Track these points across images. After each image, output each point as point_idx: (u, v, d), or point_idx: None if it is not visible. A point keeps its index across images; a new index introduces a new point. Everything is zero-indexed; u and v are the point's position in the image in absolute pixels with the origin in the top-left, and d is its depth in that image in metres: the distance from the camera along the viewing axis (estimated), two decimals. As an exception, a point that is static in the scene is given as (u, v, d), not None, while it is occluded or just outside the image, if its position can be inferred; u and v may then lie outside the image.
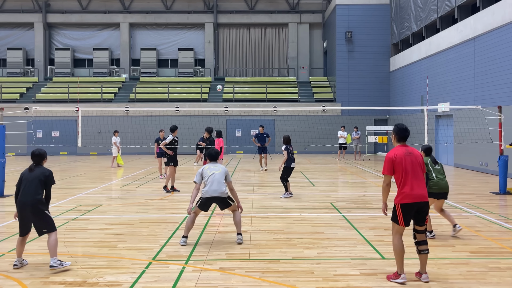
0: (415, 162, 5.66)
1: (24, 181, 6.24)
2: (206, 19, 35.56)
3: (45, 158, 6.47)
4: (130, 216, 9.72)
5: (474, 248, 7.06)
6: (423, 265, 5.67)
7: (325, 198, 11.90)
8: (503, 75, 16.45)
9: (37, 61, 35.35)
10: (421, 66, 24.26)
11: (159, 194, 12.76)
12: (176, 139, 13.49)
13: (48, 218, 6.16)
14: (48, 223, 6.15)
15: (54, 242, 6.06)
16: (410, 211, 5.61)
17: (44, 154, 6.43)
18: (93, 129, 26.04)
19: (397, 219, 5.64)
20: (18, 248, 6.22)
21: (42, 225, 6.13)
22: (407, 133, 5.79)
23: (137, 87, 32.51)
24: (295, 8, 35.51)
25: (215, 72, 35.75)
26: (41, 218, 6.11)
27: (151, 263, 6.38)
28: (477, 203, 11.08)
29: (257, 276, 5.81)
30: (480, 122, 16.45)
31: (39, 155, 6.38)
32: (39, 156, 6.38)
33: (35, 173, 6.22)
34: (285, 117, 28.77)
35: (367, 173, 18.17)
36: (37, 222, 6.13)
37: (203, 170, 7.45)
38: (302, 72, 35.30)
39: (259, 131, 19.93)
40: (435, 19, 22.40)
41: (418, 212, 5.66)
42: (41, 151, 6.44)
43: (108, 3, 35.65)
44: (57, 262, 5.99)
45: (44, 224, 6.13)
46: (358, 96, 29.16)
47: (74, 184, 15.17)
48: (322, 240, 7.60)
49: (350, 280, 5.65)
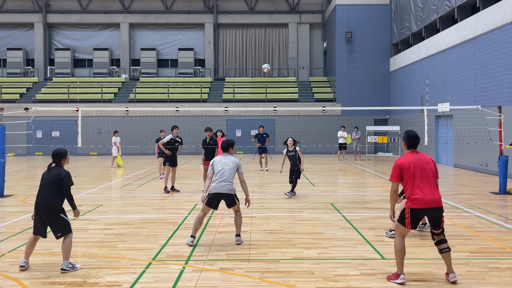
0: (427, 168, 5.60)
1: (42, 182, 6.11)
2: (206, 19, 35.56)
3: (65, 157, 6.23)
4: (130, 216, 9.72)
5: (474, 248, 7.06)
6: (448, 264, 5.62)
7: (325, 198, 11.90)
8: (503, 75, 16.45)
9: (37, 61, 35.35)
10: (421, 66, 24.26)
11: (159, 194, 12.76)
12: (178, 140, 13.31)
13: (63, 222, 6.02)
14: (63, 227, 6.01)
15: (68, 245, 5.97)
16: (419, 216, 5.58)
17: (63, 154, 6.20)
18: (93, 129, 26.03)
19: (404, 221, 5.60)
20: (28, 249, 6.10)
21: (57, 229, 6.02)
22: (417, 140, 5.77)
23: (137, 87, 32.51)
24: (295, 8, 35.51)
25: (215, 72, 35.76)
26: (56, 221, 5.99)
27: (151, 263, 6.38)
28: (477, 203, 11.08)
29: (257, 276, 5.81)
30: (480, 122, 16.44)
31: (57, 154, 6.17)
32: (57, 155, 6.17)
33: (51, 175, 6.06)
34: (285, 117, 28.76)
35: (367, 173, 18.17)
36: (52, 226, 6.01)
37: (214, 162, 7.41)
38: (302, 72, 35.30)
39: (259, 131, 19.94)
40: (435, 19, 22.40)
41: (432, 218, 5.62)
42: (60, 150, 6.21)
43: (108, 3, 35.65)
44: (68, 266, 5.95)
45: (59, 228, 6.01)
46: (358, 96, 29.16)
47: (74, 184, 15.14)
48: (322, 240, 7.60)
49: (350, 281, 5.65)
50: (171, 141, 13.21)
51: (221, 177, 7.22)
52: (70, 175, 6.14)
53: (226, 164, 7.32)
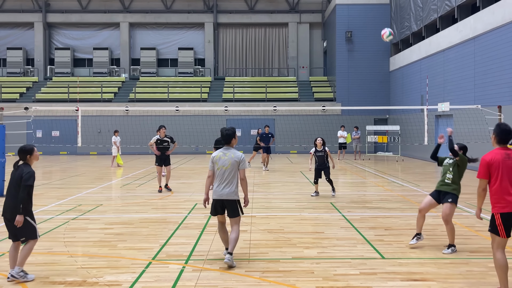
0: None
1: (9, 181, 5.70)
2: (206, 18, 35.55)
3: (31, 154, 5.73)
4: (130, 215, 9.72)
5: (474, 248, 7.06)
6: None
7: (325, 198, 11.90)
8: (503, 75, 16.45)
9: (37, 61, 35.35)
10: (421, 65, 24.26)
11: (159, 193, 12.76)
12: (167, 139, 12.99)
13: (29, 225, 5.56)
14: (28, 231, 5.56)
15: (27, 252, 5.54)
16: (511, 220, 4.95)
17: (29, 150, 5.71)
18: (93, 129, 26.03)
19: (497, 229, 4.97)
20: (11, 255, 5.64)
21: (21, 232, 5.56)
22: (510, 136, 5.11)
23: (137, 87, 32.50)
24: (295, 8, 35.51)
25: (215, 71, 35.76)
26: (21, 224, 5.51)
27: (151, 262, 6.37)
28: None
29: (257, 275, 5.81)
30: (480, 121, 16.45)
31: (22, 150, 5.69)
32: (22, 151, 5.70)
33: (17, 173, 5.65)
34: (285, 116, 28.77)
35: (367, 173, 18.18)
36: (16, 228, 5.52)
37: (213, 158, 6.30)
38: (302, 72, 35.30)
39: (264, 131, 19.57)
40: (435, 18, 22.40)
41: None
42: (26, 146, 5.73)
43: (108, 3, 35.64)
44: (20, 273, 5.49)
45: (23, 232, 5.55)
46: (358, 95, 29.16)
47: (74, 183, 15.16)
48: (322, 239, 7.60)
49: (350, 280, 5.64)
50: (158, 142, 12.99)
51: (220, 179, 6.23)
52: (32, 174, 5.63)
53: (225, 162, 6.22)
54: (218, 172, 6.24)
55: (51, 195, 12.57)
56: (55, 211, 10.10)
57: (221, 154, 6.30)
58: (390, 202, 11.32)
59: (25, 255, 5.52)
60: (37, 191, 13.36)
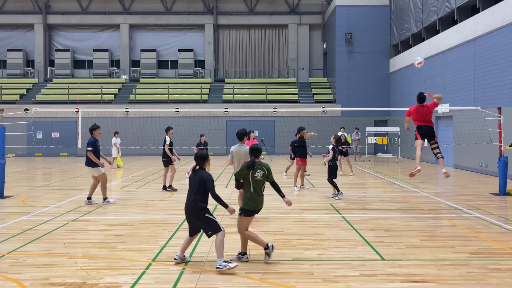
0: None
1: (189, 185, 6.40)
2: (206, 20, 35.58)
3: (207, 160, 6.44)
4: (130, 217, 9.72)
5: (474, 249, 7.05)
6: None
7: (325, 199, 11.90)
8: (503, 76, 16.45)
9: (37, 62, 35.37)
10: (420, 67, 24.25)
11: (159, 195, 12.76)
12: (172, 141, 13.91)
13: (210, 221, 6.19)
14: (211, 226, 6.18)
15: (218, 243, 6.11)
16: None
17: (205, 157, 6.41)
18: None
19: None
20: (184, 244, 6.42)
21: (206, 228, 6.21)
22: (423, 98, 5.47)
23: (137, 88, 32.52)
24: (295, 9, 35.54)
25: (215, 73, 35.78)
26: (202, 221, 6.19)
27: (151, 264, 6.37)
28: (477, 204, 11.08)
29: (257, 277, 5.81)
30: (480, 123, 16.45)
31: (200, 157, 6.37)
32: (199, 158, 6.38)
33: (196, 177, 6.27)
34: (285, 118, 28.77)
35: (367, 174, 18.17)
36: (201, 226, 6.24)
37: (231, 151, 8.27)
38: (302, 73, 35.32)
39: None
40: (435, 20, 22.42)
41: None
42: (202, 153, 6.40)
43: (108, 5, 35.68)
44: (221, 264, 6.01)
45: (207, 227, 6.19)
46: (358, 97, 29.17)
47: (74, 185, 15.16)
48: (322, 241, 7.59)
49: (350, 282, 5.64)
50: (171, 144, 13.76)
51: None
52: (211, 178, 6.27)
53: (240, 156, 7.74)
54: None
55: (51, 196, 12.57)
56: (55, 213, 10.10)
57: (237, 147, 8.22)
58: (390, 203, 11.32)
59: (218, 246, 6.12)
60: (37, 192, 13.38)
